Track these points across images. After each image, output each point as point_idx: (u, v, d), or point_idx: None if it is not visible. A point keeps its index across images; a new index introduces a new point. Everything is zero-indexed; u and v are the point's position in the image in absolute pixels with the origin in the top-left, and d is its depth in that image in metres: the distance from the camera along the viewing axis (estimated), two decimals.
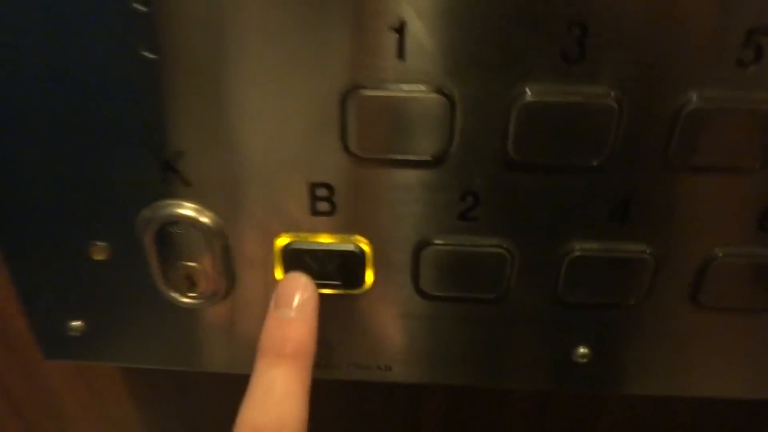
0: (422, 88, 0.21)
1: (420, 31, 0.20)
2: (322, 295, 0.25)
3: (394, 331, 0.27)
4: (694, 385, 0.28)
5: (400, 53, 0.21)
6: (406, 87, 0.21)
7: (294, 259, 0.25)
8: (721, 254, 0.24)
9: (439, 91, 0.21)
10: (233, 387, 0.24)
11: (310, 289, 0.25)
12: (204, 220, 0.24)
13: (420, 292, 0.26)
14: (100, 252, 0.26)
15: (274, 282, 0.26)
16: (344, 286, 0.26)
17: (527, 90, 0.21)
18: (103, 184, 0.24)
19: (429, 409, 0.39)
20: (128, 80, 0.22)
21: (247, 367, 0.29)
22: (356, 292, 0.26)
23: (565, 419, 0.40)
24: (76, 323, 0.28)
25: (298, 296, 0.24)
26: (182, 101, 0.22)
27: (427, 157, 0.23)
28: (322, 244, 0.25)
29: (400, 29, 0.20)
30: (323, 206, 0.24)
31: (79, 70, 0.22)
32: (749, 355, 0.27)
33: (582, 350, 0.27)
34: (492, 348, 0.28)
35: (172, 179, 0.24)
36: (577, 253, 0.24)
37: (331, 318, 0.26)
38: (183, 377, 0.39)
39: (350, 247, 0.25)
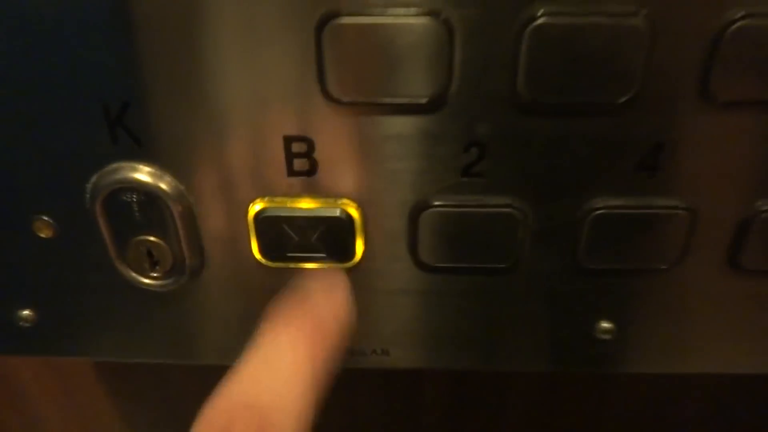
0: (412, 11, 0.18)
1: None
2: None
3: (390, 309, 0.24)
4: (732, 361, 0.26)
5: None
6: (392, 11, 0.18)
7: (270, 229, 0.22)
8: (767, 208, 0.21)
9: (433, 14, 0.18)
10: (217, 376, 0.21)
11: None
12: (162, 185, 0.21)
13: (419, 264, 0.23)
14: (45, 228, 0.23)
15: (252, 256, 0.23)
16: (330, 258, 0.23)
17: (540, 10, 0.18)
18: (43, 146, 0.21)
19: (431, 397, 0.38)
20: (61, 14, 0.18)
21: (228, 358, 0.26)
22: (344, 265, 0.23)
23: (573, 404, 0.39)
24: (26, 312, 0.25)
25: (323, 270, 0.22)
26: (126, 40, 0.19)
27: (423, 100, 0.19)
28: (302, 209, 0.22)
29: None
30: (302, 164, 0.21)
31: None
32: None
33: (605, 325, 0.25)
34: (502, 326, 0.25)
35: (122, 138, 0.21)
36: (601, 211, 0.22)
37: None
38: (161, 367, 0.37)
39: (335, 213, 0.22)
